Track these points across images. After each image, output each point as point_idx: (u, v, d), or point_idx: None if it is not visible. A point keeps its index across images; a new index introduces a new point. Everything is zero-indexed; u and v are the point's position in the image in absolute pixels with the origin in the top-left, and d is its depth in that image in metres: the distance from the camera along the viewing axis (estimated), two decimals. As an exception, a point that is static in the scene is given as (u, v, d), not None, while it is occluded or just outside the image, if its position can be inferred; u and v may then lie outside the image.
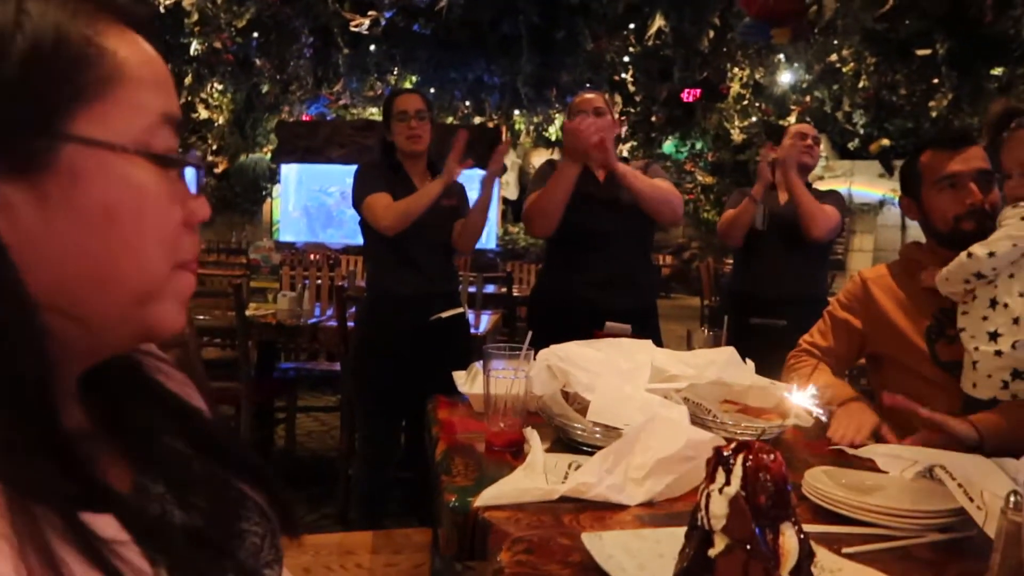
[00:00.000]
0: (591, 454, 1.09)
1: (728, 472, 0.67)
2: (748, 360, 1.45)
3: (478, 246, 2.68)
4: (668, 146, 11.25)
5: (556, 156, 6.45)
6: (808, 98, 8.79)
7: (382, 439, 2.44)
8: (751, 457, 0.66)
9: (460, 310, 2.47)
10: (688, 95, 9.47)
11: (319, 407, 3.95)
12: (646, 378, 1.33)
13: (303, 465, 3.36)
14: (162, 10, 6.01)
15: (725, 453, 0.68)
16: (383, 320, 2.38)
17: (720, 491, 0.67)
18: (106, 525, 0.42)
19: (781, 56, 7.94)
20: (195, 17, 5.64)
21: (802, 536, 0.67)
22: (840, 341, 1.66)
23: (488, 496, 0.99)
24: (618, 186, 2.17)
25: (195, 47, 6.94)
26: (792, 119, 8.76)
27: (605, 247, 2.22)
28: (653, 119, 10.07)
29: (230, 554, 0.52)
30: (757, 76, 8.88)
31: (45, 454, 0.41)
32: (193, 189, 0.50)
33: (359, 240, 2.48)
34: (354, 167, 2.44)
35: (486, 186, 2.34)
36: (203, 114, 9.13)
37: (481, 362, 1.46)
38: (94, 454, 0.49)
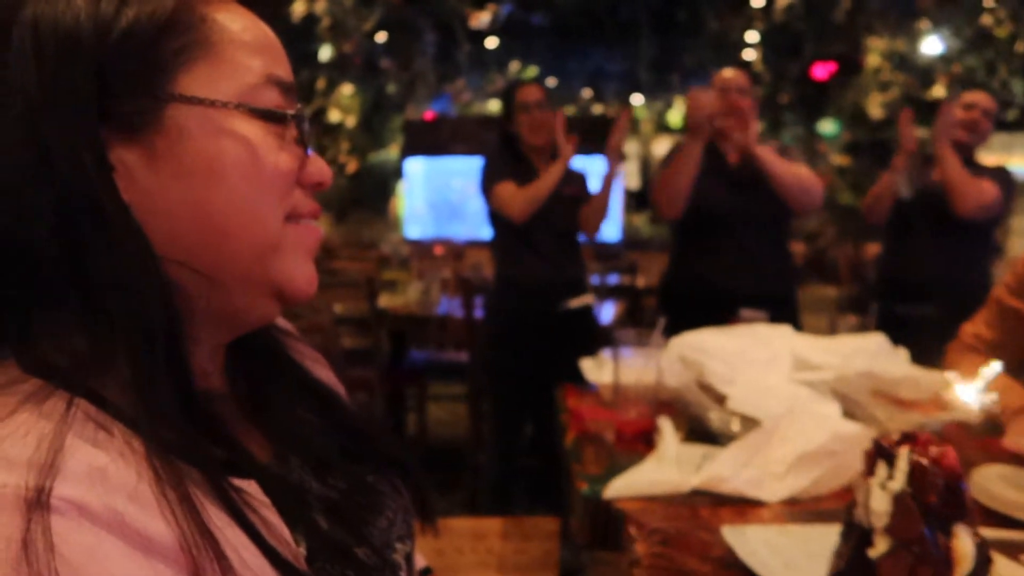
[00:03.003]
0: (726, 446, 1.04)
1: (891, 466, 0.61)
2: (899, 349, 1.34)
3: (602, 237, 2.66)
4: (829, 128, 10.50)
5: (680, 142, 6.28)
6: (956, 67, 8.04)
7: (510, 428, 2.47)
8: (918, 450, 0.60)
9: (589, 299, 2.46)
10: (821, 70, 8.91)
11: (448, 396, 4.05)
12: (787, 368, 1.26)
13: (433, 452, 3.47)
14: (295, 21, 6.36)
15: (886, 444, 0.63)
16: (510, 310, 2.40)
17: (882, 486, 0.61)
18: (250, 491, 0.43)
19: (925, 22, 7.31)
20: (326, 23, 5.92)
21: (979, 540, 0.60)
22: (1010, 333, 1.49)
23: (619, 486, 0.96)
24: (751, 168, 2.08)
25: (326, 53, 7.29)
26: (939, 90, 8.05)
27: (736, 232, 2.14)
28: (783, 99, 9.57)
29: (364, 526, 0.53)
30: (898, 46, 8.22)
31: (188, 415, 0.43)
32: (303, 147, 0.50)
33: (484, 234, 2.53)
34: (477, 161, 2.48)
35: (609, 166, 2.30)
36: (335, 117, 9.59)
37: (610, 350, 1.44)
38: (238, 423, 0.52)
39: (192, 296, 0.46)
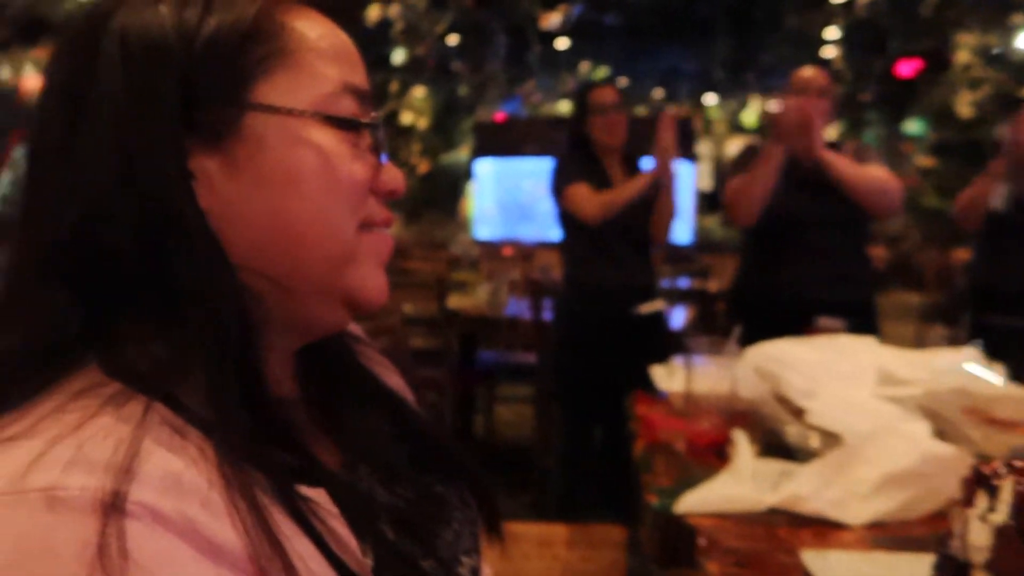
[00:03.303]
0: (806, 463, 1.00)
1: (993, 496, 0.57)
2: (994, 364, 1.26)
3: (674, 240, 2.60)
4: (915, 128, 10.01)
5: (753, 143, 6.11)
6: (1057, 62, 7.54)
7: (578, 433, 2.45)
8: None
9: (660, 305, 2.42)
10: (906, 67, 8.51)
11: (516, 397, 4.06)
12: (871, 383, 1.20)
13: (500, 454, 3.47)
14: (370, 25, 6.50)
15: (987, 472, 0.58)
16: (581, 314, 2.38)
17: (983, 518, 0.57)
18: (317, 498, 0.43)
19: (1020, 16, 6.89)
20: (400, 26, 6.03)
21: (1093, 581, 0.55)
22: None
23: (691, 502, 0.94)
24: (825, 171, 2.00)
25: (400, 56, 7.42)
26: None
27: (810, 236, 2.06)
28: (865, 97, 9.19)
29: (431, 538, 0.52)
30: (990, 41, 7.77)
31: (260, 422, 0.43)
32: (370, 150, 0.50)
33: (553, 235, 2.51)
34: (547, 162, 2.47)
35: (659, 168, 2.24)
36: (407, 120, 9.75)
37: (682, 357, 1.41)
38: (308, 431, 0.52)
39: (266, 304, 0.46)
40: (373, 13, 6.68)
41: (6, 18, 5.85)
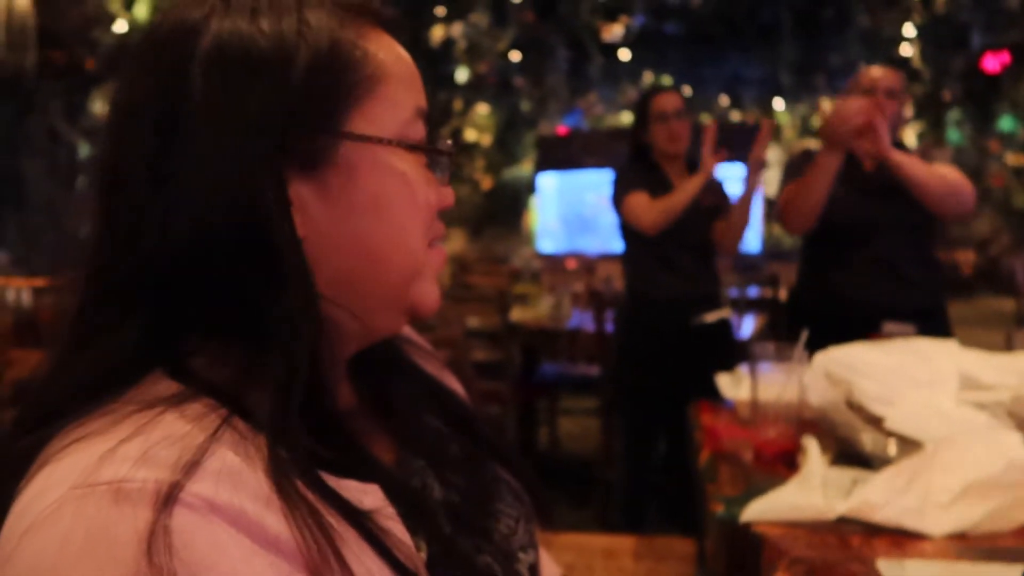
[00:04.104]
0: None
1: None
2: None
3: (742, 248, 2.53)
4: (1006, 122, 9.47)
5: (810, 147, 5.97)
6: None
7: (642, 445, 2.40)
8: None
9: (725, 313, 2.36)
10: (993, 62, 8.09)
11: (579, 409, 4.03)
12: (954, 388, 1.13)
13: (564, 466, 3.44)
14: (434, 45, 6.63)
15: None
16: (643, 325, 2.34)
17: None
18: (373, 495, 0.44)
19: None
20: (463, 45, 6.14)
21: None
22: None
23: (757, 510, 0.90)
24: (887, 174, 1.90)
25: (463, 75, 7.54)
26: None
27: (872, 241, 1.96)
28: (946, 96, 8.78)
29: (487, 532, 0.52)
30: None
31: (318, 425, 0.44)
32: (441, 175, 0.52)
33: (615, 247, 2.49)
34: (609, 174, 2.45)
35: (749, 178, 2.20)
36: (471, 137, 9.89)
37: (748, 365, 1.36)
38: (361, 428, 0.52)
39: (340, 326, 0.47)
40: (437, 34, 6.82)
41: (98, 53, 6.21)
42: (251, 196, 0.42)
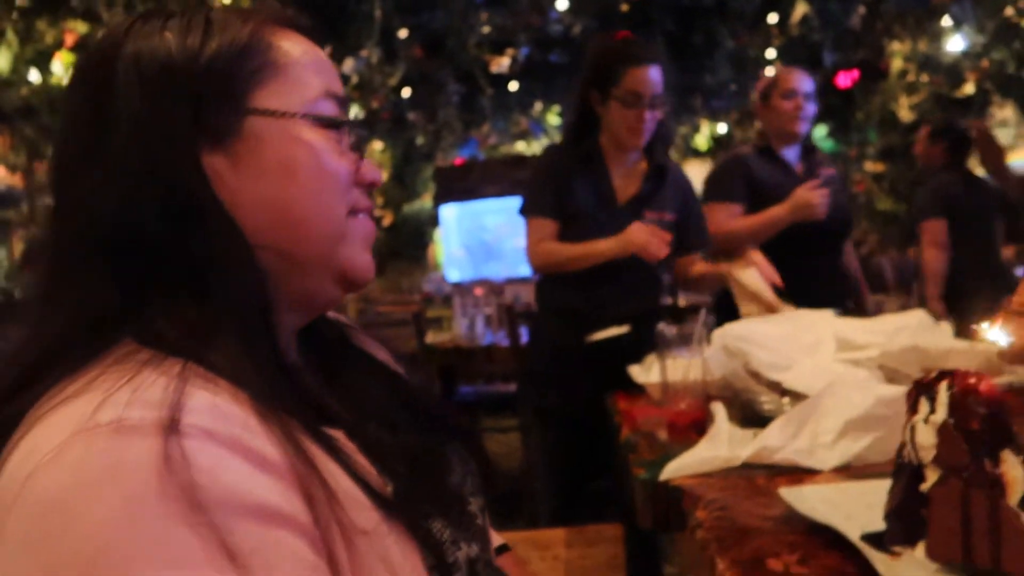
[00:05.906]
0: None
1: (932, 400, 0.64)
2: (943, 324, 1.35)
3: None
4: (825, 142, 10.37)
5: (706, 167, 6.30)
6: (985, 62, 7.92)
7: (562, 450, 2.44)
8: (957, 381, 0.63)
9: (615, 332, 2.08)
10: (845, 79, 8.87)
11: (499, 428, 4.07)
12: (832, 350, 1.28)
13: (491, 486, 3.47)
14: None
15: (926, 381, 0.65)
16: (547, 337, 2.23)
17: (926, 421, 0.64)
18: (339, 440, 0.49)
19: (946, 19, 7.25)
20: (355, 80, 6.16)
21: (1028, 463, 0.62)
22: None
23: (673, 468, 0.99)
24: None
25: (355, 112, 7.54)
26: (970, 87, 7.92)
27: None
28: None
29: (441, 474, 0.59)
30: (921, 47, 8.15)
31: (283, 376, 0.50)
32: (350, 148, 0.59)
33: (522, 272, 2.49)
34: (510, 201, 2.40)
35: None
36: (367, 173, 9.83)
37: (655, 352, 1.47)
38: (316, 391, 0.58)
39: (276, 277, 0.53)
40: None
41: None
42: (171, 169, 0.50)
